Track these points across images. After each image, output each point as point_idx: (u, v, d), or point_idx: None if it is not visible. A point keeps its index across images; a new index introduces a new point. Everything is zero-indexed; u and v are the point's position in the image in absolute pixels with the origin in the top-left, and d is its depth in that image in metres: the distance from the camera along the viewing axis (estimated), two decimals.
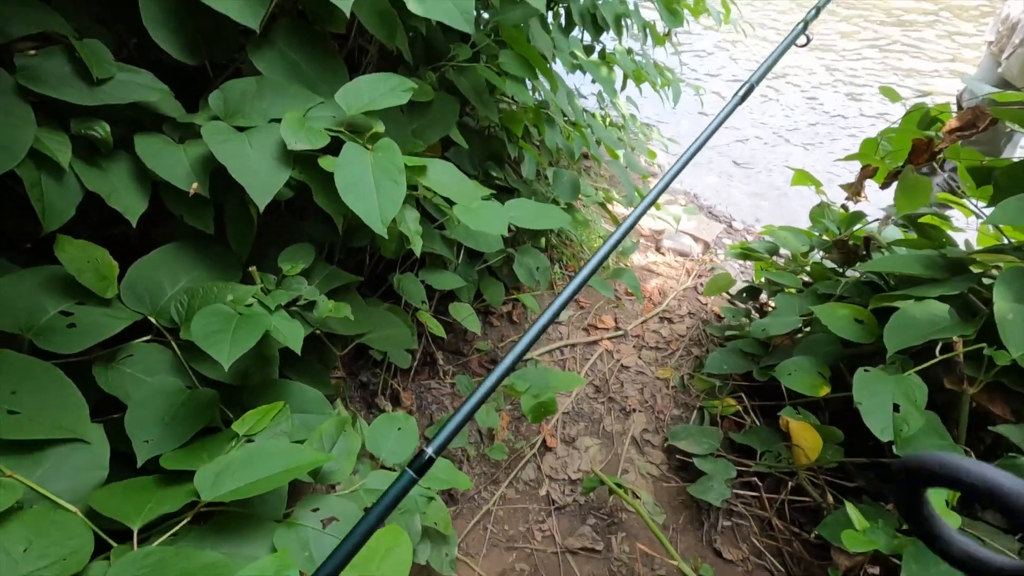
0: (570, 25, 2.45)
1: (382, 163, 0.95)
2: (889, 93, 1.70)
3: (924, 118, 1.54)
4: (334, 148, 1.00)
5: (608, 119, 3.21)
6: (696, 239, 3.10)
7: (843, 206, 1.98)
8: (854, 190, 1.81)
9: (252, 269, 1.04)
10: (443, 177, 1.03)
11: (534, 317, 2.27)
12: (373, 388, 1.82)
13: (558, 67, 2.29)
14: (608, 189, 3.24)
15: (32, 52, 0.90)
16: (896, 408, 0.98)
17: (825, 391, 1.44)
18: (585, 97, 3.49)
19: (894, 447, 0.97)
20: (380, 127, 1.01)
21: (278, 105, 1.05)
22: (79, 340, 0.85)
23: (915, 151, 1.37)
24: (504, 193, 2.03)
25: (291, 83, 1.06)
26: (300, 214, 1.25)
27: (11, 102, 0.87)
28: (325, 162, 0.96)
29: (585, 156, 3.35)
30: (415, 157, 1.02)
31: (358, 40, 1.50)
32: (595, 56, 2.69)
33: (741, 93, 1.22)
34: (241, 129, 1.01)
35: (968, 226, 1.74)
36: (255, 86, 1.05)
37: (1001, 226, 1.22)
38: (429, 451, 0.75)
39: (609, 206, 2.81)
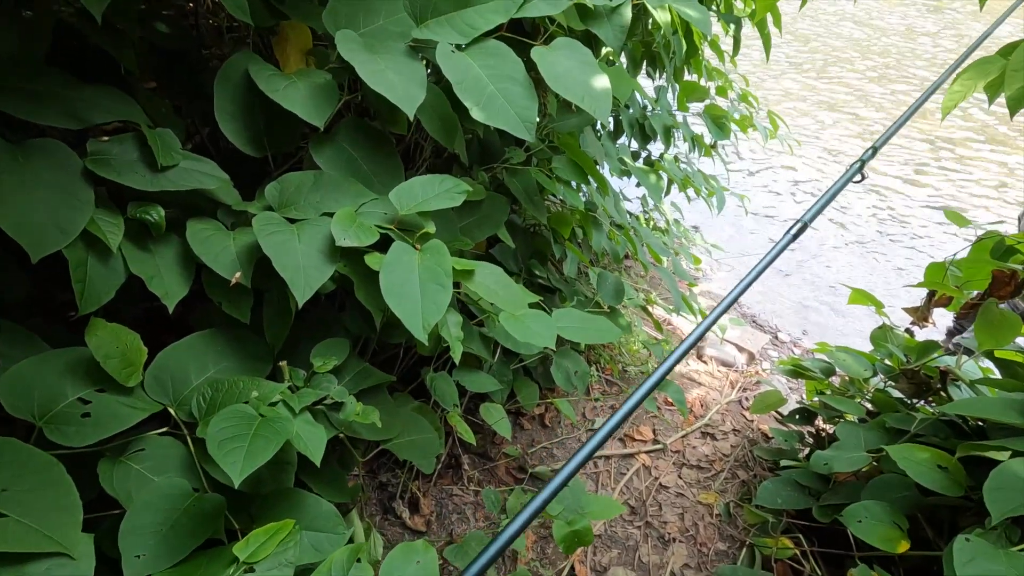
0: (618, 132, 2.51)
1: (429, 265, 0.91)
2: (956, 218, 1.62)
3: (998, 247, 1.45)
4: (383, 245, 0.97)
5: (652, 222, 3.22)
6: (741, 349, 2.96)
7: (907, 331, 1.85)
8: (920, 316, 1.68)
9: (282, 364, 0.99)
10: (490, 282, 0.99)
11: (567, 423, 2.14)
12: (392, 490, 1.70)
13: (604, 171, 2.32)
14: (648, 291, 3.18)
15: (105, 138, 0.93)
16: None
17: (904, 547, 1.25)
18: (629, 200, 3.54)
19: None
20: (431, 228, 0.98)
21: (332, 199, 1.04)
22: (92, 432, 0.79)
23: (996, 283, 1.27)
24: (546, 292, 1.98)
25: (347, 179, 1.06)
26: (339, 306, 1.21)
27: (76, 184, 0.88)
28: (372, 260, 0.93)
29: (626, 256, 3.33)
30: (463, 259, 0.98)
31: (415, 136, 1.54)
32: (640, 162, 2.74)
33: (794, 231, 1.17)
34: (293, 221, 1.00)
35: None
36: (312, 179, 1.06)
37: None
38: None
39: (650, 308, 2.73)
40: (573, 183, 1.77)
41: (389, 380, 1.17)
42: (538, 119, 1.75)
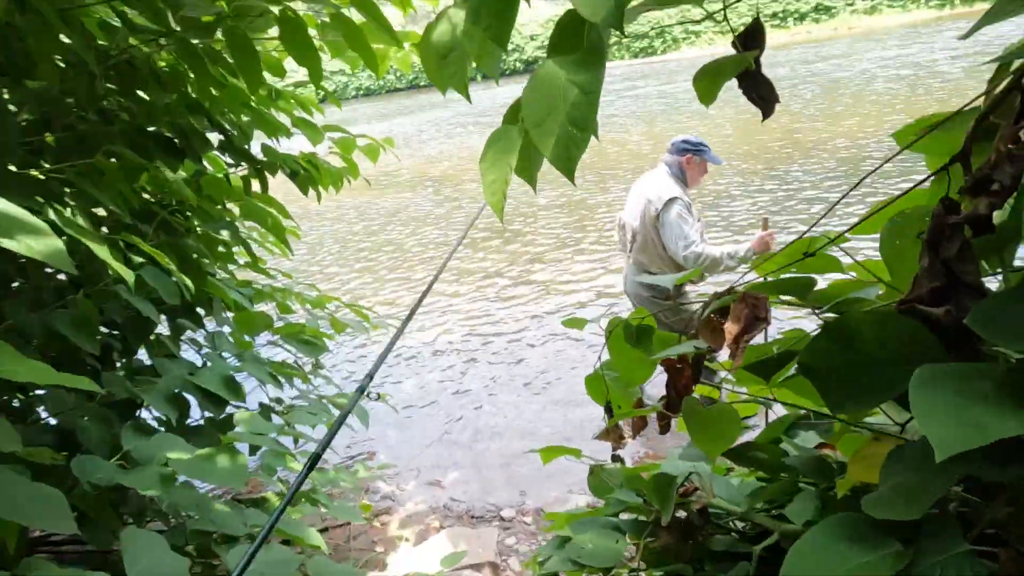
0: None
1: None
2: (574, 323, 1.39)
3: (630, 334, 1.22)
4: None
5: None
6: (476, 568, 2.27)
7: (614, 458, 1.51)
8: (615, 436, 1.35)
9: None
10: None
11: None
12: None
13: None
14: None
15: None
16: None
17: None
18: None
19: None
20: None
21: None
22: None
23: (672, 373, 0.96)
24: None
25: None
26: None
27: None
28: None
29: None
30: None
31: None
32: None
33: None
34: None
35: None
36: None
37: None
38: None
39: None
40: None
41: None
42: None
